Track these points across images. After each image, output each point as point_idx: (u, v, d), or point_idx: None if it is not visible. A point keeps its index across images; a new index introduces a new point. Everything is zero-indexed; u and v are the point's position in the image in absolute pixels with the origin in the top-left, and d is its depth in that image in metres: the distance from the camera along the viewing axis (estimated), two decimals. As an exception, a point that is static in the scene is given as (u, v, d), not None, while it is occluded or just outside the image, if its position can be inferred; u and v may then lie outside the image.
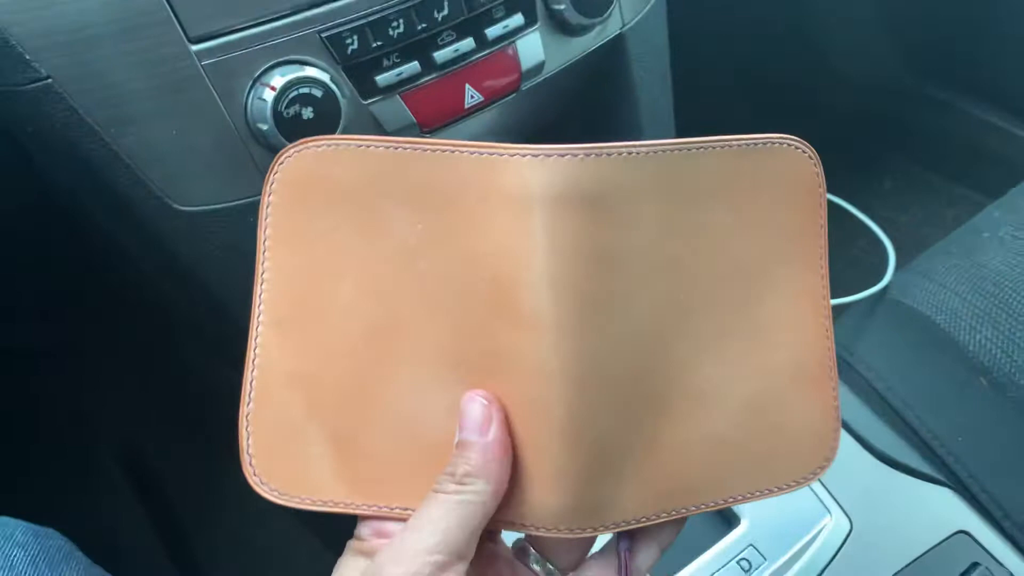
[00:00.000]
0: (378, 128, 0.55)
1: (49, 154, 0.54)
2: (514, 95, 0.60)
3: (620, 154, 0.37)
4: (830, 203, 1.07)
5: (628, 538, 0.41)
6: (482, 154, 0.38)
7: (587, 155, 0.37)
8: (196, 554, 1.02)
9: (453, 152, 0.38)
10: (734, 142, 0.39)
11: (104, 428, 1.08)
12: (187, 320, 0.69)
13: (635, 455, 0.38)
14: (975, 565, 0.59)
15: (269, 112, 0.50)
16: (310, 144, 0.39)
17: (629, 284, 0.38)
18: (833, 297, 0.83)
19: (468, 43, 0.56)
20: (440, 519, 0.35)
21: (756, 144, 0.40)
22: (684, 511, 0.39)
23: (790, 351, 0.40)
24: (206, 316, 0.63)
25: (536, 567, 0.41)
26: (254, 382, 0.39)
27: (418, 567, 0.34)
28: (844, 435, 0.65)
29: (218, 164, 0.52)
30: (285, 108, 0.50)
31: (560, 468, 0.37)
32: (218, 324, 0.61)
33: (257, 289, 0.39)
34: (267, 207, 0.40)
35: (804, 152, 0.40)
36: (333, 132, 0.52)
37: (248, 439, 0.39)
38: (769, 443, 0.40)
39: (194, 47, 0.49)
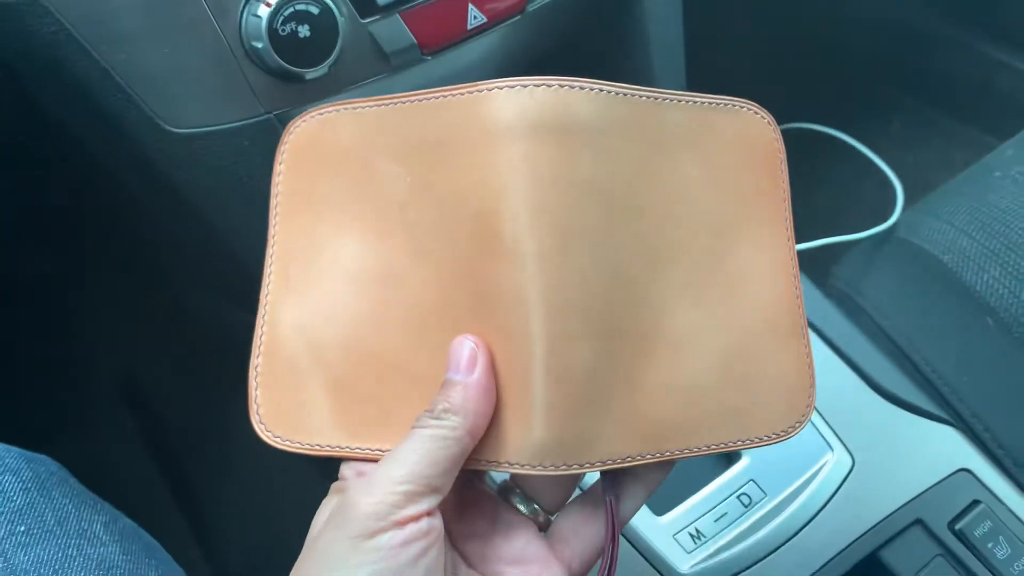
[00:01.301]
0: (377, 49, 0.53)
1: (39, 75, 0.53)
2: (519, 17, 0.58)
3: (596, 90, 0.38)
4: (839, 141, 1.05)
5: (613, 482, 0.41)
6: (463, 94, 0.38)
7: (566, 87, 0.37)
8: (191, 481, 1.02)
9: (436, 99, 0.39)
10: (700, 99, 0.41)
11: (101, 357, 1.08)
12: (181, 247, 0.68)
13: (616, 393, 0.39)
14: (976, 503, 0.59)
15: (264, 30, 0.48)
16: (314, 112, 0.42)
17: (605, 219, 0.38)
18: (840, 235, 0.83)
19: (472, -40, 0.54)
20: (412, 451, 0.35)
21: (721, 104, 0.42)
22: (666, 454, 0.39)
23: (762, 305, 0.42)
24: (199, 243, 0.62)
25: (520, 506, 0.42)
26: (263, 336, 0.41)
27: (387, 495, 0.34)
28: (847, 372, 0.65)
29: (211, 84, 0.51)
30: (281, 25, 0.49)
31: (542, 400, 0.37)
32: (211, 251, 0.60)
33: (269, 250, 0.42)
34: (278, 175, 0.42)
35: (764, 119, 0.43)
36: (330, 51, 0.51)
37: (256, 389, 0.40)
38: (745, 394, 0.41)
39: (187, -40, 0.48)
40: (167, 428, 1.06)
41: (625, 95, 0.39)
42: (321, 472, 0.89)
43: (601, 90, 0.38)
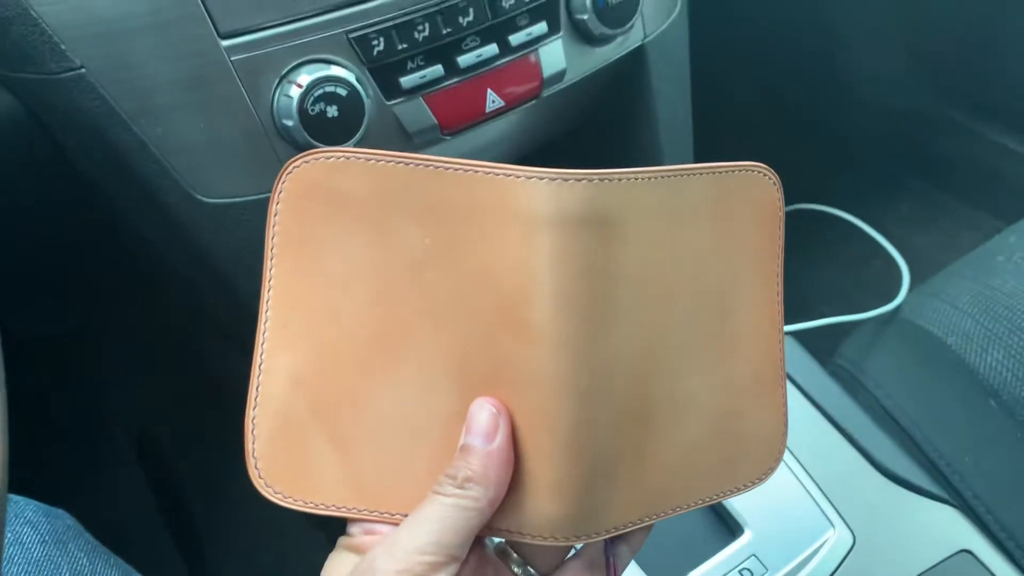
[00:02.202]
0: (400, 128, 0.56)
1: (78, 142, 0.55)
2: (535, 101, 0.61)
3: (625, 180, 0.39)
4: (846, 223, 1.07)
5: (614, 544, 0.42)
6: (496, 175, 0.38)
7: (599, 180, 0.38)
8: (201, 540, 1.03)
9: (466, 172, 0.39)
10: (717, 169, 0.42)
11: (120, 415, 1.09)
12: (206, 311, 0.70)
13: (625, 464, 0.40)
14: (977, 584, 0.60)
15: (295, 109, 0.51)
16: (319, 155, 0.40)
17: (625, 303, 0.39)
18: (846, 314, 0.84)
19: (491, 49, 0.57)
20: (437, 520, 0.36)
21: (734, 171, 0.42)
22: (661, 515, 0.41)
23: (751, 362, 0.43)
24: (224, 307, 0.64)
25: (517, 570, 0.42)
26: (260, 386, 0.39)
27: (411, 565, 0.35)
28: (850, 450, 0.65)
29: (243, 158, 0.53)
30: (311, 105, 0.51)
31: (560, 478, 0.38)
32: (236, 316, 0.62)
33: (264, 295, 0.40)
34: (275, 215, 0.40)
35: (769, 179, 0.44)
36: (356, 130, 0.53)
37: (253, 442, 0.39)
38: (733, 448, 0.43)
39: (224, 43, 0.50)
40: (179, 485, 1.07)
41: (654, 178, 0.40)
42: (327, 533, 0.89)
43: (632, 179, 0.39)
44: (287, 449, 0.39)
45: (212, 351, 1.00)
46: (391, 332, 0.39)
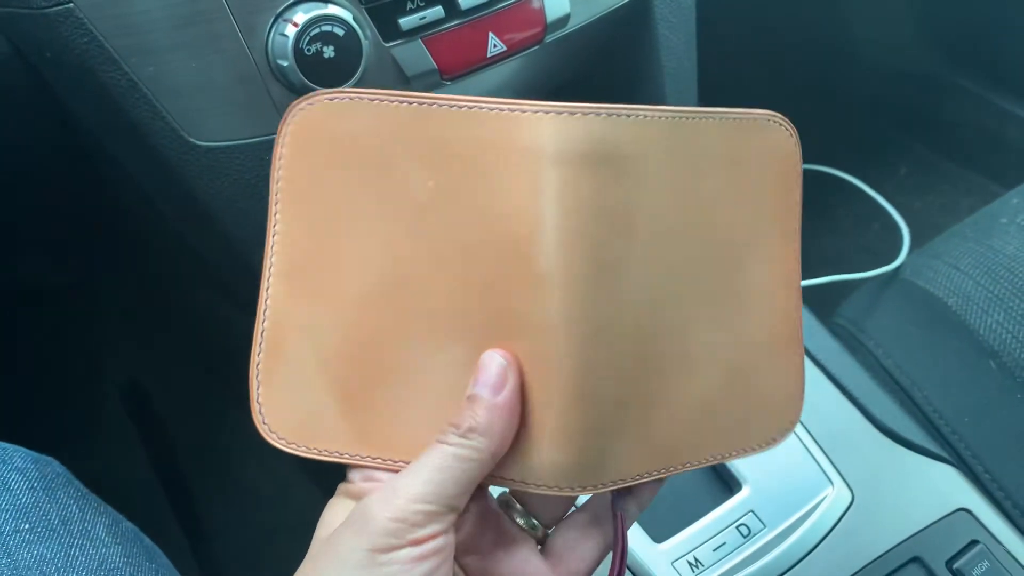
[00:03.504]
0: (399, 72, 0.54)
1: (67, 82, 0.54)
2: (537, 47, 0.59)
3: (635, 116, 0.37)
4: (848, 184, 1.06)
5: (622, 497, 0.41)
6: (501, 110, 0.37)
7: (607, 114, 0.37)
8: (193, 492, 1.02)
9: (471, 108, 0.38)
10: (730, 114, 0.40)
11: (110, 366, 1.09)
12: (199, 259, 0.69)
13: (632, 414, 0.39)
14: (974, 543, 0.59)
15: (290, 49, 0.50)
16: (323, 96, 0.39)
17: (635, 247, 0.38)
18: (846, 274, 0.83)
19: (494, -10, 0.55)
20: (437, 469, 0.35)
21: (749, 119, 0.41)
22: (671, 470, 0.40)
23: (766, 319, 0.42)
24: (218, 255, 0.63)
25: (520, 521, 0.42)
26: (265, 332, 0.39)
27: (406, 513, 0.34)
28: (850, 408, 0.65)
29: (236, 100, 0.52)
30: (306, 45, 0.50)
31: (565, 425, 0.37)
32: (230, 264, 0.61)
33: (269, 240, 0.40)
34: (279, 159, 0.40)
35: (787, 130, 0.42)
36: (353, 72, 0.52)
37: (258, 388, 0.39)
38: (746, 406, 0.42)
39: (218, -22, 0.49)
40: (170, 437, 1.06)
41: (666, 118, 0.38)
42: (321, 487, 0.89)
43: (644, 116, 0.38)
44: (291, 396, 0.39)
45: (204, 302, 0.99)
46: (396, 279, 0.39)
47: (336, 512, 0.38)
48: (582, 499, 0.43)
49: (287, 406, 0.39)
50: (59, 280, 0.99)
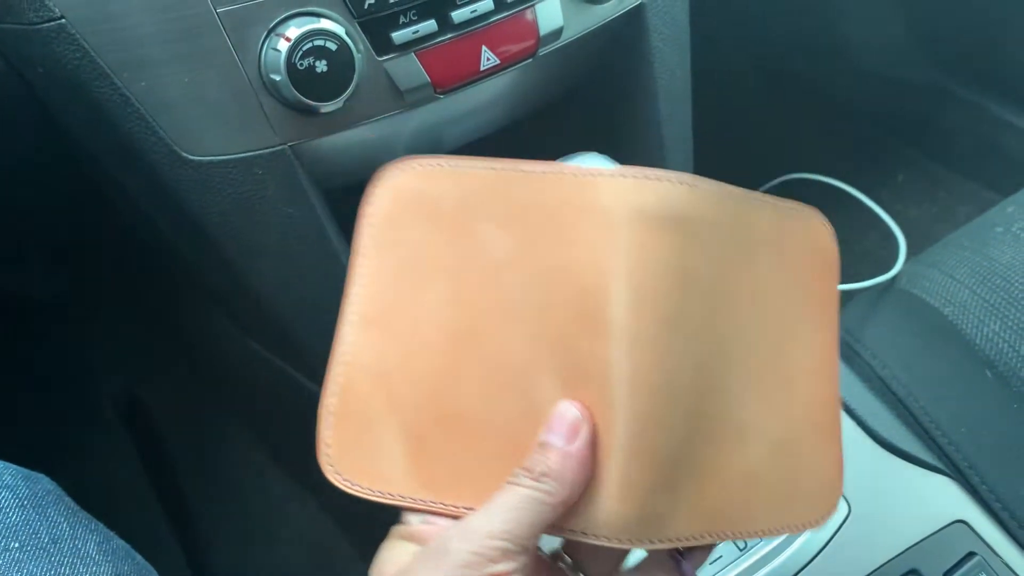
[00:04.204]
0: (392, 86, 0.54)
1: (60, 97, 0.54)
2: (531, 60, 0.59)
3: (702, 188, 0.40)
4: (843, 193, 1.07)
5: (686, 557, 0.42)
6: (581, 175, 0.40)
7: (682, 184, 0.39)
8: (188, 505, 1.02)
9: (550, 174, 0.41)
10: (777, 202, 0.43)
11: (105, 377, 1.08)
12: (191, 272, 0.69)
13: (689, 475, 0.40)
14: (971, 555, 0.59)
15: (283, 63, 0.50)
16: (412, 161, 0.43)
17: (697, 309, 0.39)
18: (842, 284, 0.83)
19: (487, 4, 0.55)
20: (512, 509, 0.36)
21: (796, 210, 0.44)
22: (722, 536, 0.41)
23: (809, 403, 0.43)
24: (211, 268, 0.62)
25: (569, 573, 0.42)
26: (338, 375, 0.41)
27: (485, 548, 0.35)
28: (846, 419, 0.65)
29: (229, 114, 0.52)
30: (299, 60, 0.50)
31: (629, 476, 0.38)
32: (223, 277, 0.61)
33: (348, 289, 0.42)
34: (366, 215, 0.43)
35: (826, 227, 0.45)
36: (346, 87, 0.52)
37: (328, 429, 0.41)
38: (789, 484, 0.42)
39: (210, -7, 0.49)
40: (166, 450, 1.06)
41: (724, 194, 0.41)
42: (320, 503, 0.89)
43: (707, 189, 0.40)
44: (358, 438, 0.41)
45: (200, 315, 0.99)
46: (469, 330, 0.41)
47: (394, 553, 0.38)
48: (631, 560, 0.43)
49: (355, 448, 0.40)
50: (54, 290, 0.99)
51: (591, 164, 0.49)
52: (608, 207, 0.39)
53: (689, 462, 0.39)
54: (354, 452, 0.40)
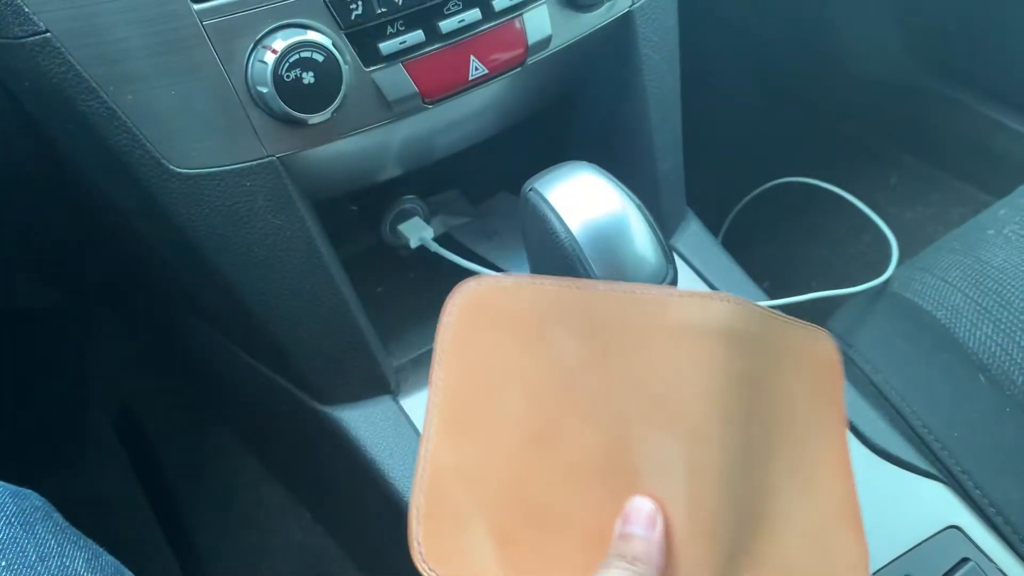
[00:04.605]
0: (379, 96, 0.54)
1: (47, 110, 0.54)
2: (519, 69, 0.59)
3: (753, 309, 0.45)
4: (836, 197, 1.07)
5: None
6: (653, 294, 0.45)
7: (737, 304, 0.45)
8: (183, 516, 1.02)
9: (625, 293, 0.45)
10: (798, 323, 0.49)
11: (100, 392, 1.08)
12: (182, 285, 0.68)
13: (740, 562, 0.43)
14: (965, 560, 0.59)
15: (269, 75, 0.50)
16: (490, 278, 0.47)
17: (745, 408, 0.44)
18: (835, 288, 0.83)
19: (474, 14, 0.55)
20: None
21: (809, 329, 0.50)
22: None
23: (831, 496, 0.48)
24: (198, 280, 0.62)
25: None
26: (426, 476, 0.44)
27: None
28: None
29: (216, 126, 0.52)
30: (286, 72, 0.50)
31: (697, 560, 0.42)
32: (211, 290, 0.61)
33: (431, 395, 0.46)
34: (446, 326, 0.47)
35: (834, 344, 0.51)
36: (334, 98, 0.52)
37: (418, 527, 0.43)
38: (821, 572, 0.46)
39: (196, 6, 0.49)
40: (161, 462, 1.06)
41: (764, 313, 0.46)
42: (313, 513, 0.89)
43: (755, 309, 0.46)
44: (449, 534, 0.44)
45: (193, 326, 0.99)
46: (548, 431, 0.45)
47: None
48: None
49: (445, 543, 0.43)
50: (48, 301, 0.98)
51: (578, 173, 0.50)
52: (676, 323, 0.44)
53: (740, 550, 0.43)
54: (445, 547, 0.43)
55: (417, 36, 0.54)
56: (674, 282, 0.50)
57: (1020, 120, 1.25)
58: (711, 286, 0.73)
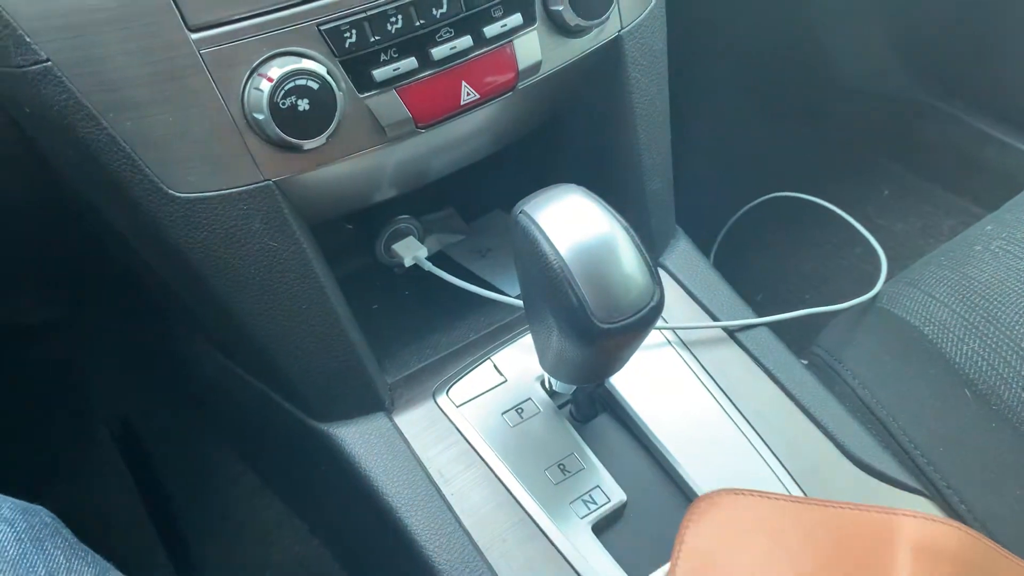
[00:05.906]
0: (373, 122, 0.55)
1: (48, 136, 0.55)
2: (510, 94, 0.60)
3: (973, 535, 0.58)
4: (827, 210, 1.08)
5: None
6: (874, 511, 0.56)
7: (958, 529, 0.57)
8: (183, 530, 1.03)
9: (851, 510, 0.56)
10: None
11: (100, 405, 1.09)
12: (179, 303, 0.69)
13: None
14: (950, 574, 0.60)
15: (265, 102, 0.51)
16: (726, 493, 0.57)
17: None
18: (824, 301, 0.84)
19: (466, 41, 0.56)
20: None
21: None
22: None
23: None
24: (195, 299, 0.63)
25: None
26: None
27: None
28: (825, 441, 0.66)
29: (213, 152, 0.53)
30: (281, 99, 0.51)
31: None
32: (209, 309, 0.62)
33: None
34: (687, 530, 0.55)
35: None
36: (328, 124, 0.53)
37: None
38: None
39: (193, 35, 0.50)
40: (161, 476, 1.07)
41: (994, 550, 0.57)
42: (309, 526, 0.90)
43: (972, 535, 0.57)
44: None
45: (193, 342, 1.00)
46: None
47: None
48: None
49: None
50: (47, 318, 0.99)
51: (567, 196, 0.50)
52: (903, 539, 0.54)
53: None
54: None
55: (410, 63, 0.55)
56: (660, 302, 0.50)
57: (1011, 133, 1.26)
58: (699, 304, 0.74)
